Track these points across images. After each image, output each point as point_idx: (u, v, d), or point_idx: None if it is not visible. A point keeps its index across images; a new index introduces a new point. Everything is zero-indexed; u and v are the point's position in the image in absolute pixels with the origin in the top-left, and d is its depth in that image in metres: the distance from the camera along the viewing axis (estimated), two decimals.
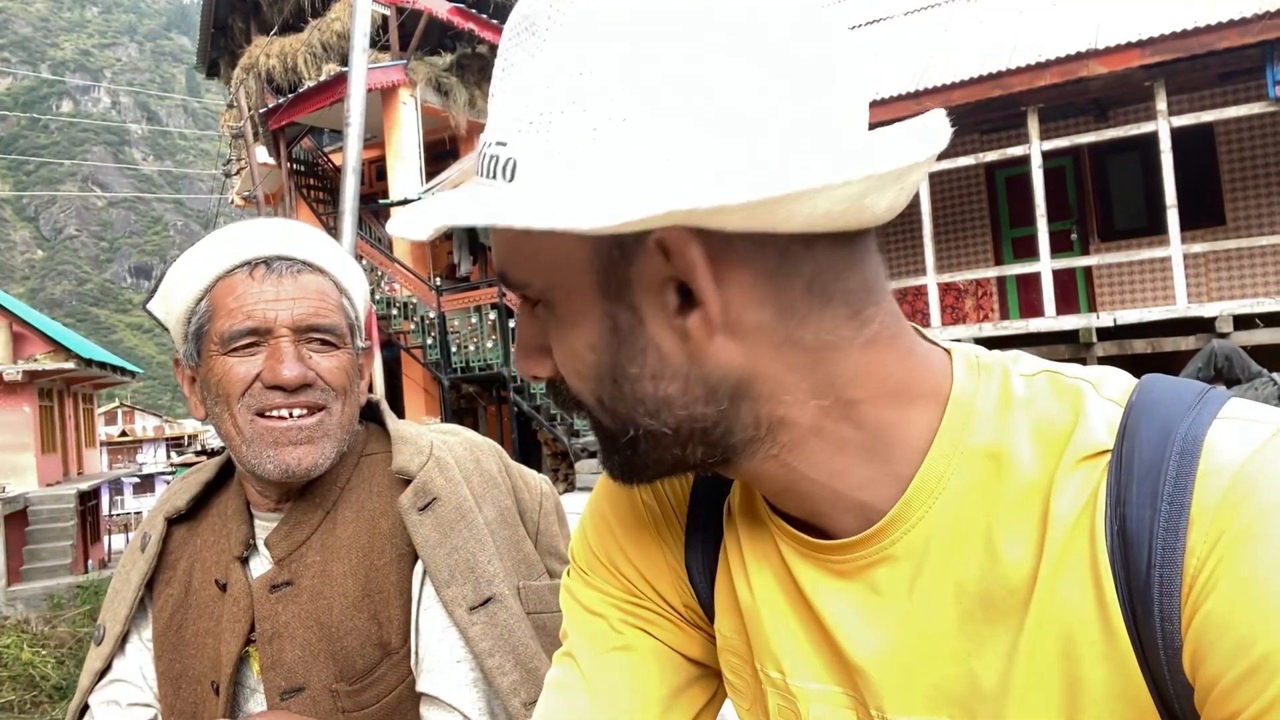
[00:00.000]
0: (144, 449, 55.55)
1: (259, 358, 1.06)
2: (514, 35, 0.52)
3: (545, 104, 0.48)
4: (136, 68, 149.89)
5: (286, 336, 1.06)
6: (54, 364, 18.96)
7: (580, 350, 0.54)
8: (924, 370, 0.55)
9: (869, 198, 0.48)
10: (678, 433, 0.54)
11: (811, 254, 0.50)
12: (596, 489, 0.76)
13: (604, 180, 0.47)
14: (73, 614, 14.06)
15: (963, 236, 11.49)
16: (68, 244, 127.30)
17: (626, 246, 0.50)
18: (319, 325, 1.08)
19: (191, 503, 1.19)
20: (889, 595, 0.55)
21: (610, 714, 0.67)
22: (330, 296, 1.11)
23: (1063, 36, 8.72)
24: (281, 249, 1.09)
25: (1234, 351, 6.55)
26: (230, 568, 1.12)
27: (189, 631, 1.12)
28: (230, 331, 1.05)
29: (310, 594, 1.08)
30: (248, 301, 1.05)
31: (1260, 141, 9.88)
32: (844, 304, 0.52)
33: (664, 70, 0.46)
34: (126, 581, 1.17)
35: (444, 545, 1.08)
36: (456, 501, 1.12)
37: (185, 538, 1.18)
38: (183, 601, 1.14)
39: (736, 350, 0.51)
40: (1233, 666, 0.42)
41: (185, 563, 1.16)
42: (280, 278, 1.07)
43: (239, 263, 1.07)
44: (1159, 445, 0.47)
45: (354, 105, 5.90)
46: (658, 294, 0.51)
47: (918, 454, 0.54)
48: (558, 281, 0.53)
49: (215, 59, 17.99)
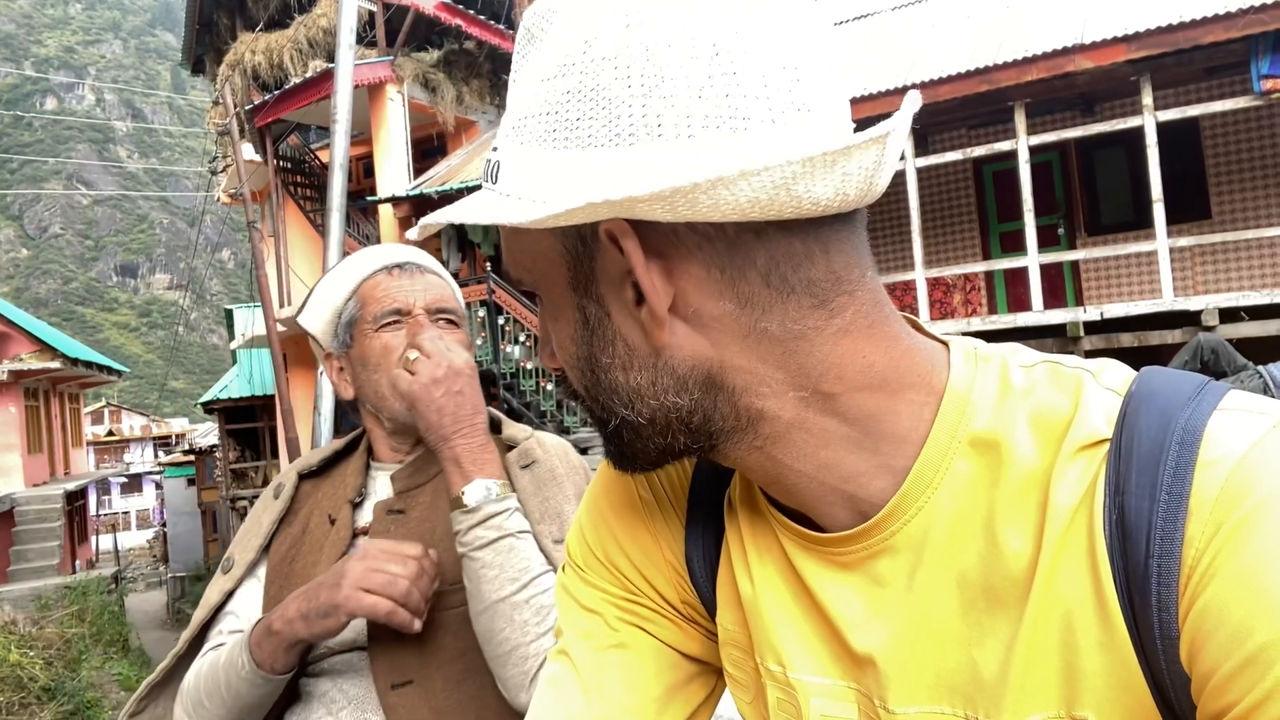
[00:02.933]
0: (131, 448, 55.33)
1: (404, 331, 1.35)
2: (519, 44, 0.56)
3: (524, 110, 0.53)
4: (121, 65, 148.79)
5: (422, 314, 1.37)
6: (40, 363, 18.85)
7: (564, 341, 0.58)
8: (912, 360, 0.55)
9: (798, 185, 0.47)
10: (654, 422, 0.56)
11: (764, 244, 0.51)
12: (593, 485, 0.76)
13: (554, 174, 0.51)
14: (60, 615, 13.97)
15: (951, 231, 11.52)
16: (53, 242, 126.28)
17: (588, 241, 0.53)
18: (445, 307, 1.40)
19: (323, 463, 1.48)
20: (891, 586, 0.55)
21: (606, 712, 0.67)
22: (450, 291, 1.44)
23: (1049, 31, 8.75)
24: (410, 257, 1.43)
25: (1220, 345, 6.60)
26: (342, 508, 1.36)
27: (299, 564, 1.34)
28: (380, 312, 1.36)
29: (417, 521, 1.34)
30: (391, 290, 1.37)
31: (1245, 136, 9.94)
32: (808, 294, 0.52)
33: (613, 73, 0.49)
34: (258, 523, 1.41)
35: (538, 495, 1.30)
36: (550, 467, 1.36)
37: (309, 491, 1.45)
38: (299, 539, 1.38)
39: (702, 341, 0.53)
40: (1229, 657, 0.42)
41: (306, 509, 1.42)
42: (413, 275, 1.40)
43: (379, 268, 1.40)
44: (1158, 436, 0.48)
45: (341, 102, 5.87)
46: (618, 287, 0.53)
47: (912, 445, 0.54)
48: (541, 276, 0.58)
49: (200, 56, 17.87)
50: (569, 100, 0.50)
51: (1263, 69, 7.75)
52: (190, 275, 64.66)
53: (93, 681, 12.16)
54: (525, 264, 0.58)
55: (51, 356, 19.14)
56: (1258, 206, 9.85)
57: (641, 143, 0.48)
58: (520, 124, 0.53)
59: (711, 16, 0.48)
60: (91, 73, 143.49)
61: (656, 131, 0.48)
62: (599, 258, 0.53)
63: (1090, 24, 8.51)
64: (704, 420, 0.55)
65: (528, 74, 0.54)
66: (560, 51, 0.51)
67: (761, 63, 0.48)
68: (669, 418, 0.55)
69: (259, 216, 14.11)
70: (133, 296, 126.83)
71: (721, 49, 0.48)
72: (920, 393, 0.55)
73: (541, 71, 0.52)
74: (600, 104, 0.49)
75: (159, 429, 55.84)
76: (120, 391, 79.63)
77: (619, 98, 0.48)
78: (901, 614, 0.55)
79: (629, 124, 0.48)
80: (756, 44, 0.49)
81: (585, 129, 0.49)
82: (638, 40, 0.48)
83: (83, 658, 12.77)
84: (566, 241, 0.54)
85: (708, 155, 0.48)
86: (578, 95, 0.50)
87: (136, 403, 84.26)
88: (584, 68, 0.49)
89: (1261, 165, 9.88)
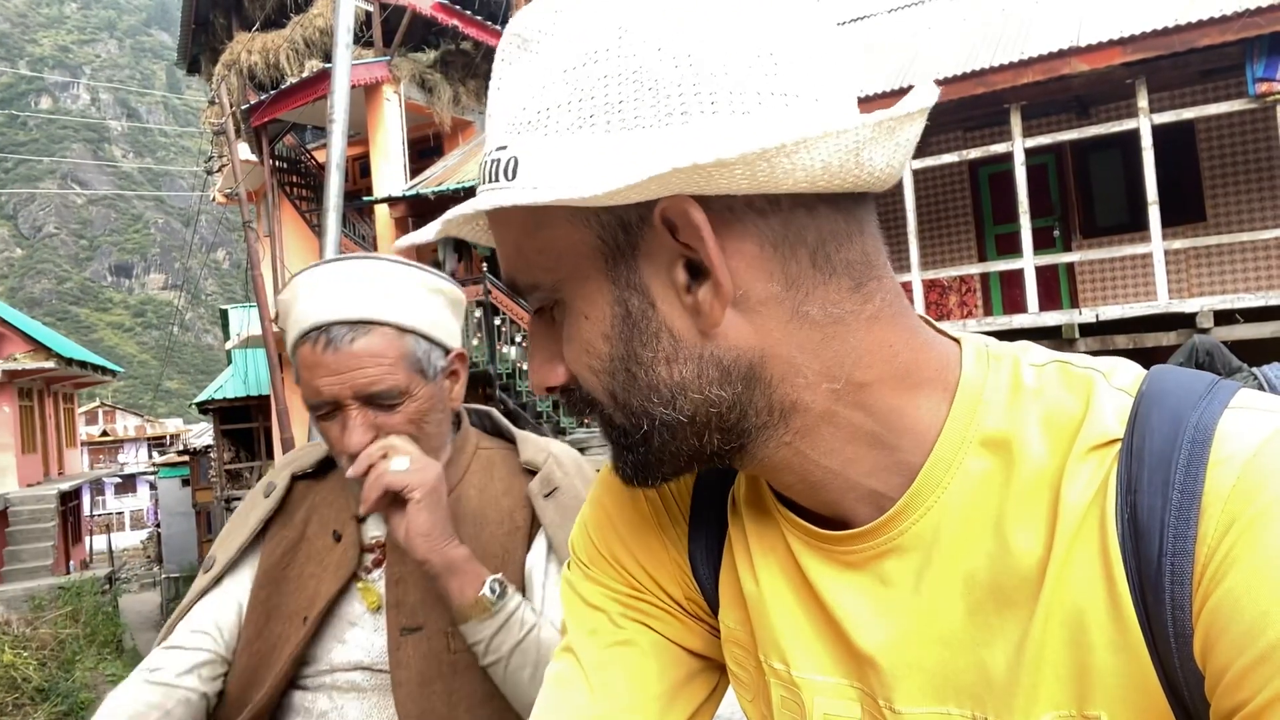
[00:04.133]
0: (125, 449, 55.23)
1: (339, 420, 1.20)
2: (508, 51, 0.55)
3: (543, 103, 0.51)
4: (116, 64, 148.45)
5: (353, 405, 1.18)
6: (34, 363, 18.78)
7: (594, 342, 0.55)
8: (930, 353, 0.56)
9: (865, 152, 0.49)
10: (694, 420, 0.54)
11: (815, 220, 0.51)
12: (597, 483, 0.76)
13: (603, 155, 0.49)
14: (54, 615, 13.92)
15: (947, 233, 11.54)
16: (47, 242, 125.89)
17: (630, 227, 0.52)
18: (375, 393, 1.18)
19: (317, 464, 1.37)
20: (897, 586, 0.55)
21: (611, 709, 0.67)
22: (387, 355, 1.18)
23: (1045, 34, 8.77)
24: (337, 312, 1.17)
25: (1215, 347, 6.59)
26: (348, 523, 1.29)
27: (294, 571, 1.28)
28: (311, 403, 1.20)
29: None
30: (314, 376, 1.18)
31: (1240, 138, 9.97)
32: (847, 275, 0.53)
33: (656, 55, 0.49)
34: (244, 521, 1.34)
35: (565, 526, 1.23)
36: (574, 492, 1.29)
37: (305, 492, 1.36)
38: (295, 545, 1.30)
39: (747, 328, 0.52)
40: (1242, 654, 0.42)
41: (304, 512, 1.33)
42: (337, 351, 1.16)
43: (306, 330, 1.19)
44: (1170, 434, 0.48)
45: (338, 102, 5.87)
46: (666, 272, 0.52)
47: (926, 443, 0.54)
48: (568, 273, 0.54)
49: (196, 55, 17.84)
50: (607, 84, 0.49)
51: (1257, 72, 7.78)
52: (185, 275, 64.41)
53: (86, 682, 12.11)
54: (545, 264, 0.55)
55: (46, 356, 19.07)
56: (1252, 209, 9.88)
57: (695, 120, 0.48)
58: (540, 117, 0.51)
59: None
60: (86, 72, 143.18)
61: (710, 108, 0.48)
62: (644, 244, 0.52)
63: (1085, 27, 8.53)
64: (740, 417, 0.54)
65: (533, 72, 0.52)
66: (584, 43, 0.50)
67: (801, 43, 0.50)
68: (709, 414, 0.54)
69: (255, 216, 14.10)
70: (127, 296, 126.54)
71: (763, 28, 0.49)
72: (937, 389, 0.55)
73: (560, 64, 0.51)
74: (646, 85, 0.49)
75: (153, 429, 55.76)
76: (115, 392, 79.48)
77: (667, 77, 0.48)
78: (908, 614, 0.55)
79: (680, 102, 0.48)
80: (796, 25, 0.51)
81: (631, 110, 0.49)
82: (677, 20, 0.49)
83: (76, 658, 12.72)
84: (604, 232, 0.52)
85: (766, 127, 0.48)
86: (618, 79, 0.49)
87: (131, 403, 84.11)
88: (621, 51, 0.49)
89: (1256, 168, 9.91)
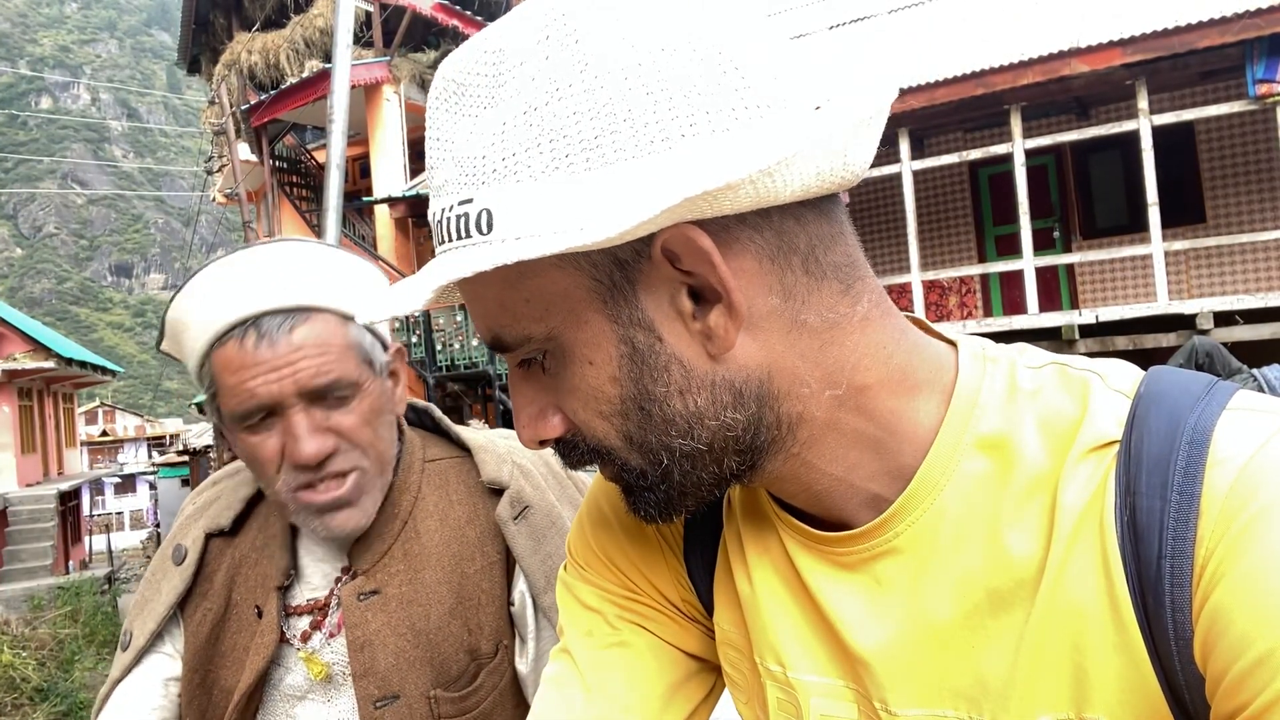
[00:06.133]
0: (125, 449, 55.19)
1: (278, 430, 1.00)
2: (445, 104, 0.52)
3: (507, 148, 0.49)
4: (116, 64, 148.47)
5: (297, 406, 0.99)
6: (33, 363, 18.78)
7: (601, 386, 0.53)
8: (922, 354, 0.56)
9: (850, 152, 0.50)
10: (712, 447, 0.54)
11: (803, 227, 0.52)
12: (594, 485, 0.76)
13: (591, 195, 0.47)
14: (53, 615, 13.93)
15: (946, 234, 11.54)
16: (47, 242, 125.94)
17: (626, 264, 0.50)
18: (324, 386, 0.99)
19: (236, 520, 1.16)
20: (893, 588, 0.55)
21: (608, 711, 0.67)
22: (333, 343, 1.01)
23: (1045, 35, 8.76)
24: (268, 301, 0.99)
25: (1215, 348, 6.60)
26: (270, 596, 1.09)
27: (226, 645, 1.11)
28: (240, 412, 0.99)
29: (400, 601, 1.07)
30: (246, 377, 0.97)
31: (1240, 140, 9.97)
32: (836, 278, 0.53)
33: (624, 85, 0.47)
34: (157, 592, 1.14)
35: (538, 553, 1.09)
36: (546, 508, 1.13)
37: (222, 548, 1.15)
38: (222, 617, 1.12)
39: (752, 345, 0.52)
40: (1241, 657, 0.42)
41: (224, 576, 1.13)
42: (274, 343, 0.98)
43: (227, 327, 0.99)
44: (1168, 436, 0.48)
45: (337, 102, 5.87)
46: (670, 304, 0.51)
47: (923, 446, 0.54)
48: (562, 320, 0.52)
49: (196, 55, 17.85)
50: (578, 120, 0.47)
51: (1257, 73, 7.78)
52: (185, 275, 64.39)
53: (85, 682, 12.11)
54: (534, 315, 0.52)
55: (45, 356, 19.07)
56: (1252, 210, 9.88)
57: (678, 145, 0.47)
58: (506, 164, 0.49)
59: (697, 18, 0.49)
60: (87, 72, 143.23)
61: (690, 130, 0.47)
62: (643, 277, 0.51)
63: (1086, 28, 8.53)
64: (753, 436, 0.54)
65: (487, 117, 0.50)
66: (542, 80, 0.48)
67: (762, 52, 0.50)
68: (726, 439, 0.53)
69: (254, 216, 14.10)
70: (127, 296, 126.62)
71: (721, 42, 0.49)
72: (934, 392, 0.55)
73: (518, 105, 0.49)
74: (620, 117, 0.47)
75: (153, 429, 55.75)
76: (114, 391, 79.53)
77: (640, 105, 0.47)
78: (904, 616, 0.55)
79: (660, 129, 0.47)
80: (752, 35, 0.50)
81: (610, 144, 0.47)
82: (634, 45, 0.48)
83: (75, 658, 12.72)
84: (598, 272, 0.50)
85: (753, 142, 0.48)
86: (589, 114, 0.47)
87: (130, 403, 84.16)
88: (586, 85, 0.47)
89: (1256, 169, 9.91)
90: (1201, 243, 8.50)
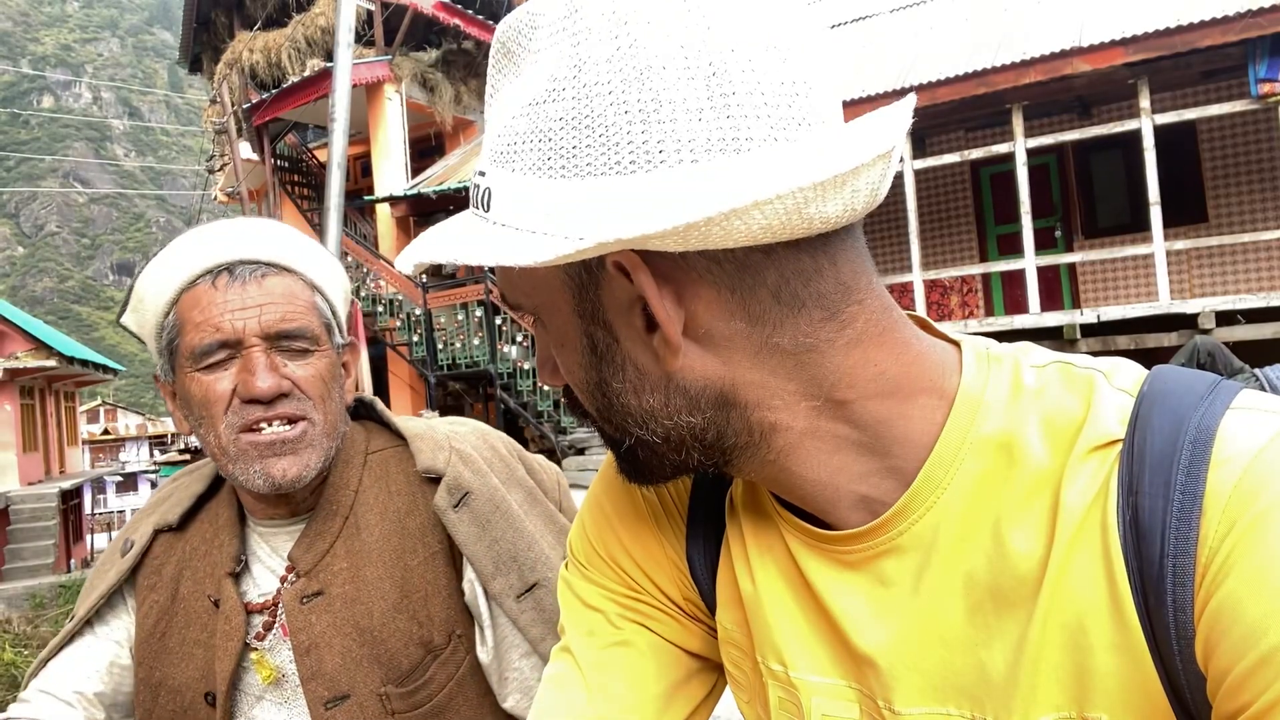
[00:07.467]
0: (127, 447, 55.26)
1: (233, 371, 1.01)
2: (495, 60, 0.55)
3: (513, 135, 0.51)
4: (118, 63, 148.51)
5: (257, 346, 1.01)
6: (35, 362, 18.79)
7: (571, 366, 0.58)
8: (923, 364, 0.55)
9: (810, 208, 0.46)
10: (668, 440, 0.56)
11: (774, 262, 0.50)
12: (596, 483, 0.76)
13: (560, 207, 0.49)
14: (55, 613, 13.94)
15: (948, 234, 11.53)
16: (49, 241, 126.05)
17: (594, 270, 0.52)
18: (288, 331, 1.03)
19: (183, 517, 1.16)
20: (896, 586, 0.55)
21: (609, 710, 0.67)
22: (300, 297, 1.06)
23: (1047, 34, 8.76)
24: (243, 253, 1.04)
25: (1216, 347, 6.59)
26: (222, 583, 1.09)
27: (174, 640, 1.10)
28: (200, 346, 1.00)
29: (344, 601, 1.07)
30: (213, 313, 1.00)
31: (1242, 139, 9.96)
32: (819, 307, 0.51)
33: (607, 99, 0.47)
34: (103, 578, 1.14)
35: (484, 539, 1.08)
36: (488, 493, 1.11)
37: (171, 543, 1.15)
38: (169, 609, 1.11)
39: (713, 361, 0.52)
40: (1244, 656, 0.42)
41: (172, 569, 1.13)
42: (244, 284, 1.02)
43: (201, 271, 1.02)
44: (1172, 435, 0.47)
45: (339, 101, 5.87)
46: (627, 314, 0.53)
47: (922, 447, 0.54)
48: (543, 303, 0.57)
49: (198, 54, 17.85)
50: (563, 128, 0.48)
51: (1260, 72, 7.77)
52: None
53: None
54: (525, 290, 0.57)
55: (47, 355, 19.08)
56: (1254, 210, 9.87)
57: (643, 170, 0.47)
58: (509, 150, 0.51)
59: (704, 33, 0.47)
60: (88, 71, 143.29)
61: (659, 159, 0.47)
62: (605, 286, 0.52)
63: (1088, 27, 8.52)
64: (717, 437, 0.55)
65: (511, 95, 0.52)
66: (548, 74, 0.49)
67: (760, 79, 0.47)
68: (683, 435, 0.55)
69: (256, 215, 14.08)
70: None
71: (718, 68, 0.47)
72: (932, 396, 0.54)
73: (529, 94, 0.50)
74: (596, 132, 0.47)
75: (154, 428, 55.81)
76: (116, 390, 79.56)
77: (616, 124, 0.47)
78: (906, 614, 0.55)
79: (629, 152, 0.47)
80: (753, 60, 0.47)
81: (584, 157, 0.48)
82: (631, 64, 0.47)
83: None
84: (570, 270, 0.53)
85: (714, 181, 0.46)
86: (572, 123, 0.48)
87: (132, 401, 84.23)
88: (576, 93, 0.48)
89: (1258, 168, 9.90)
90: (1203, 242, 8.50)
